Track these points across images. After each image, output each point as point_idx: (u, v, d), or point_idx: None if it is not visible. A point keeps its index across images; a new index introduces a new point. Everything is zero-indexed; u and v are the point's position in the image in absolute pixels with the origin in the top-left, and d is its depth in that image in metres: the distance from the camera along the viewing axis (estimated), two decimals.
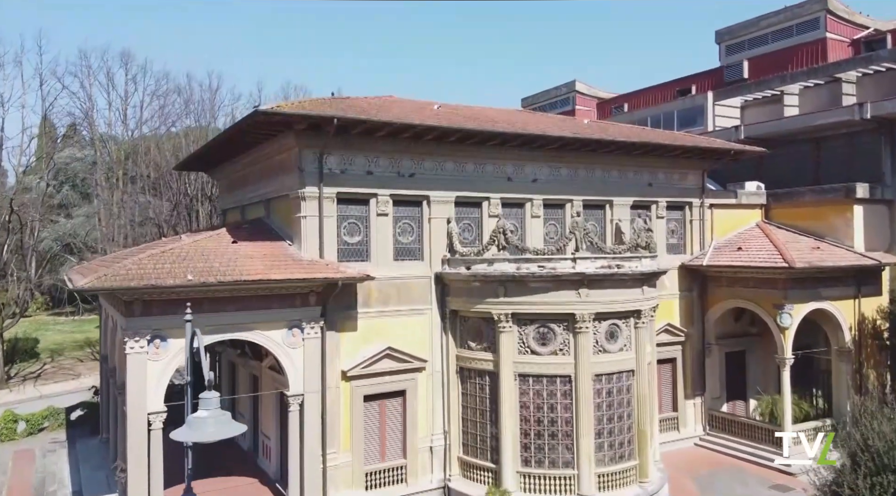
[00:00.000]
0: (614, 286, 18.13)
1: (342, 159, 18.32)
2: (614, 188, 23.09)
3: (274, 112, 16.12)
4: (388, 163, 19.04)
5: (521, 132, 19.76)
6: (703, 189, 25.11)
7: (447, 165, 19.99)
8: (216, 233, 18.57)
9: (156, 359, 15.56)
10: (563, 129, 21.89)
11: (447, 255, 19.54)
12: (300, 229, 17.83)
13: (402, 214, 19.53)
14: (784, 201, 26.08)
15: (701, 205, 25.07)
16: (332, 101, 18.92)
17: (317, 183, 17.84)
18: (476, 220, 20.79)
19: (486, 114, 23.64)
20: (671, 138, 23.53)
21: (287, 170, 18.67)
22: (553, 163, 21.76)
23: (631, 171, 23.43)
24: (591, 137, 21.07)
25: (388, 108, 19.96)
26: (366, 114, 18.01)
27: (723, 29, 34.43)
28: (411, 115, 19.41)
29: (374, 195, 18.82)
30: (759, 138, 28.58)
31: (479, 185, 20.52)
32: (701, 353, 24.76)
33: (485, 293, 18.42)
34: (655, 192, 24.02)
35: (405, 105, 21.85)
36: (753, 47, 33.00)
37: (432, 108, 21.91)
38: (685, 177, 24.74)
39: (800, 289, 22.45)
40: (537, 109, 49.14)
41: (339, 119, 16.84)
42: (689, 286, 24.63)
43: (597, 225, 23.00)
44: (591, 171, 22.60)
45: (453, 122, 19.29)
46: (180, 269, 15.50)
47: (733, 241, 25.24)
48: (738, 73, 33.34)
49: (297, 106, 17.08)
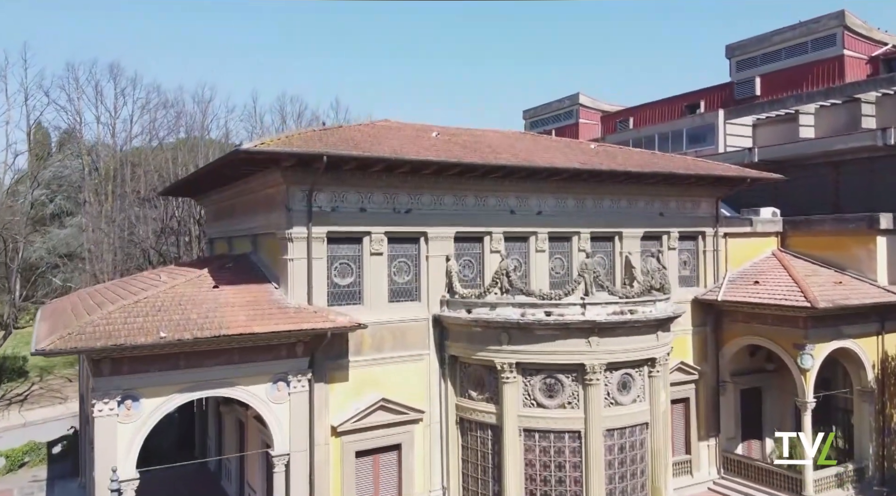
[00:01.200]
0: (627, 333, 16.79)
1: (333, 196, 16.98)
2: (624, 219, 21.74)
3: (257, 151, 14.77)
4: (382, 198, 17.70)
5: (525, 165, 18.43)
6: (716, 218, 23.76)
7: (446, 199, 18.66)
8: (197, 274, 17.21)
9: (127, 422, 14.20)
10: (569, 158, 20.56)
11: (446, 296, 18.20)
12: (287, 272, 16.48)
13: (397, 252, 18.18)
14: (802, 229, 24.72)
15: (715, 234, 23.72)
16: (322, 134, 17.58)
17: (305, 223, 16.49)
18: (477, 255, 19.45)
19: (488, 139, 22.31)
20: (684, 166, 22.19)
21: (274, 207, 17.34)
22: (559, 193, 20.42)
23: (641, 200, 22.08)
24: (600, 169, 19.73)
25: (382, 138, 18.63)
26: (358, 148, 16.69)
27: (734, 44, 33.10)
28: (407, 146, 18.10)
29: (368, 233, 17.49)
30: (773, 161, 27.26)
31: (480, 219, 19.18)
32: (715, 392, 23.39)
33: (487, 340, 17.07)
34: (667, 221, 22.68)
35: (402, 133, 20.52)
36: (766, 63, 31.66)
37: (430, 136, 20.59)
38: (698, 205, 23.39)
39: (821, 327, 21.08)
40: (539, 122, 47.87)
41: (329, 156, 15.51)
42: (703, 321, 23.27)
43: (605, 258, 21.67)
44: (599, 201, 21.25)
45: (452, 155, 17.96)
46: (153, 324, 14.15)
47: (749, 272, 23.89)
48: (750, 90, 32.01)
49: (284, 141, 15.74)
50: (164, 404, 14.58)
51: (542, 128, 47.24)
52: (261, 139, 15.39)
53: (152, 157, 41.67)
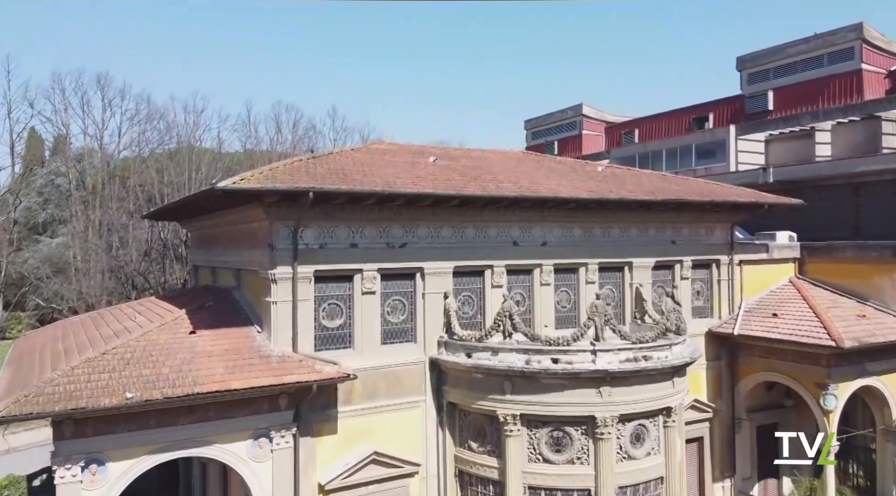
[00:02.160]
0: (641, 382, 15.44)
1: (321, 232, 15.63)
2: (634, 248, 20.39)
3: (236, 190, 13.44)
4: (375, 233, 16.34)
5: (529, 196, 17.10)
6: (731, 245, 22.40)
7: (444, 232, 17.30)
8: (174, 316, 15.87)
9: (92, 488, 12.84)
10: (575, 185, 19.22)
11: (444, 337, 16.85)
12: (270, 316, 15.12)
13: (391, 290, 16.83)
14: (820, 256, 23.37)
15: (730, 262, 22.36)
16: (309, 164, 16.23)
17: (290, 262, 15.14)
18: (477, 290, 18.10)
19: (488, 163, 20.98)
20: (698, 192, 20.84)
21: (256, 243, 16.00)
22: (565, 223, 19.07)
23: (652, 227, 20.73)
24: (609, 198, 18.38)
25: (375, 167, 17.29)
26: (348, 180, 15.35)
27: (745, 55, 31.77)
28: (402, 176, 16.76)
29: (359, 270, 16.13)
30: (789, 181, 25.92)
31: (480, 251, 17.83)
32: (730, 429, 22.02)
33: (488, 388, 15.71)
34: (680, 249, 21.32)
35: (397, 158, 19.18)
36: (779, 76, 30.33)
37: (427, 161, 19.24)
38: (712, 231, 22.03)
39: (845, 364, 19.73)
40: (542, 133, 46.54)
41: (315, 192, 14.17)
42: (717, 355, 21.90)
43: (614, 290, 20.32)
44: (607, 229, 19.90)
45: (450, 185, 16.62)
46: (119, 382, 12.80)
47: (766, 302, 22.55)
48: (763, 104, 30.67)
49: (267, 176, 14.39)
50: (133, 467, 13.22)
51: (545, 139, 45.94)
52: (241, 175, 14.05)
53: (141, 171, 40.32)
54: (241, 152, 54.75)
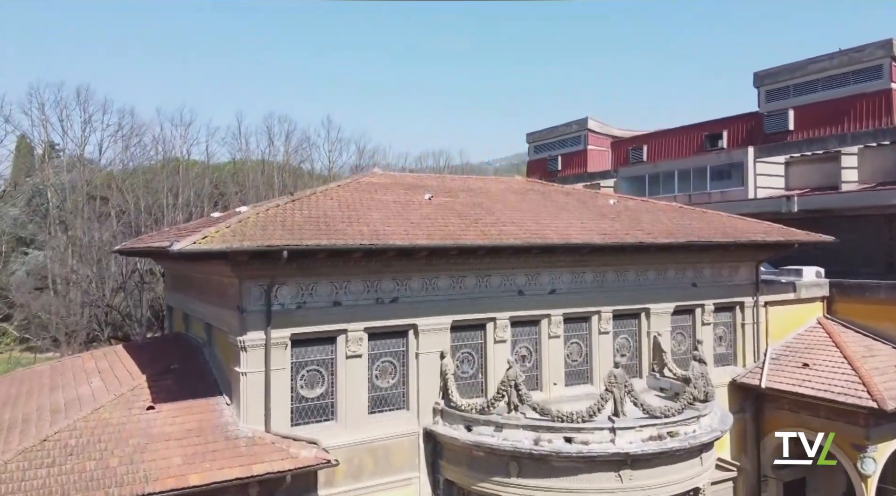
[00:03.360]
0: (666, 463, 13.47)
1: (299, 290, 13.65)
2: (651, 292, 18.44)
3: (194, 252, 11.46)
4: (361, 287, 14.37)
5: (537, 244, 15.15)
6: (757, 285, 20.43)
7: (440, 282, 15.34)
8: (131, 386, 13.88)
9: None
10: (585, 224, 17.25)
11: (440, 405, 14.87)
12: (240, 388, 13.14)
13: (380, 350, 14.86)
14: (851, 295, 21.41)
15: (755, 304, 20.39)
16: (287, 210, 14.25)
17: (263, 326, 13.16)
18: (478, 347, 16.13)
19: (490, 196, 19.05)
20: (722, 232, 18.87)
21: (226, 301, 14.03)
22: (575, 268, 17.11)
23: (671, 269, 18.78)
24: (626, 243, 16.43)
25: (363, 209, 15.33)
26: (331, 229, 13.40)
27: (763, 72, 29.80)
28: (393, 220, 14.80)
29: (343, 331, 14.15)
30: (815, 211, 23.99)
31: (481, 303, 15.87)
32: (756, 489, 20.07)
33: (492, 468, 13.73)
34: (701, 292, 19.36)
35: (389, 194, 17.23)
36: (800, 94, 28.36)
37: (422, 199, 17.29)
38: (736, 271, 20.07)
39: (885, 423, 17.78)
40: (544, 147, 44.59)
41: (290, 250, 12.20)
42: (742, 406, 19.92)
43: (630, 339, 18.37)
44: (622, 273, 17.95)
45: (448, 233, 14.65)
46: (57, 481, 10.82)
47: (794, 348, 20.60)
48: (782, 124, 28.71)
49: (235, 230, 12.39)
50: None
51: (547, 153, 44.01)
52: (204, 231, 12.06)
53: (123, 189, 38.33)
54: (231, 162, 52.86)
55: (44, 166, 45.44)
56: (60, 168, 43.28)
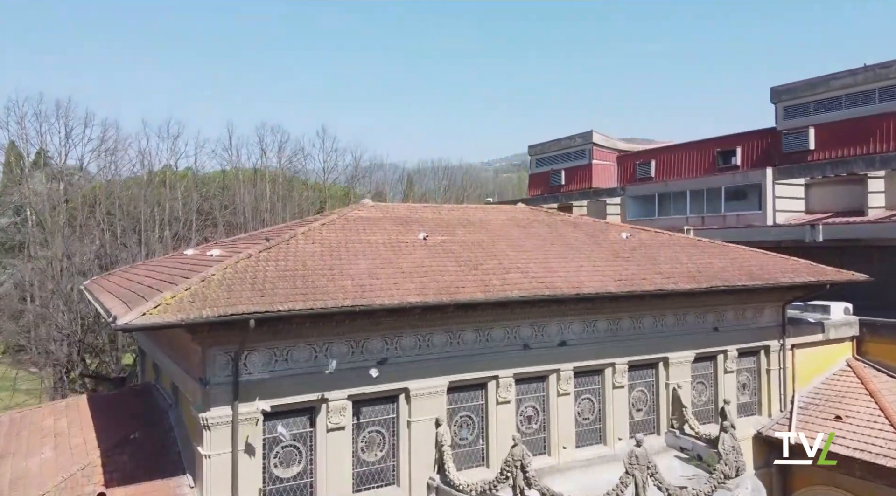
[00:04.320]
0: None
1: (272, 356, 11.88)
2: (670, 340, 16.69)
3: (143, 326, 9.69)
4: (345, 349, 12.60)
5: (545, 296, 13.39)
6: (783, 327, 18.67)
7: (436, 339, 13.57)
8: (83, 466, 12.09)
9: None
10: (598, 267, 15.48)
11: (435, 480, 13.12)
12: (203, 471, 11.36)
13: (367, 419, 13.10)
14: (883, 335, 19.64)
15: (781, 347, 18.64)
16: (259, 262, 12.46)
17: (230, 400, 11.39)
18: (478, 409, 14.37)
19: (491, 231, 17.30)
20: (748, 272, 17.10)
21: (189, 367, 12.27)
22: (587, 316, 15.37)
23: (691, 313, 17.03)
24: (645, 291, 14.68)
25: (349, 255, 13.55)
26: (309, 284, 11.64)
27: (781, 87, 28.02)
28: (382, 270, 13.05)
29: (324, 400, 12.39)
30: (842, 240, 22.23)
31: (482, 360, 14.11)
32: None
33: None
34: (723, 338, 17.61)
35: (378, 233, 15.47)
36: (822, 112, 26.58)
37: (416, 238, 15.52)
38: (761, 312, 18.31)
39: None
40: (547, 160, 42.82)
41: (259, 318, 10.44)
42: (767, 461, 18.12)
43: (646, 392, 16.62)
44: (638, 320, 16.19)
45: (444, 285, 12.88)
46: None
47: (823, 395, 18.84)
48: (802, 143, 26.94)
49: (194, 294, 10.61)
50: None
51: (550, 167, 42.26)
52: (156, 299, 10.29)
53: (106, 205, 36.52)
54: (221, 172, 51.02)
55: (22, 182, 43.59)
56: (41, 184, 41.50)
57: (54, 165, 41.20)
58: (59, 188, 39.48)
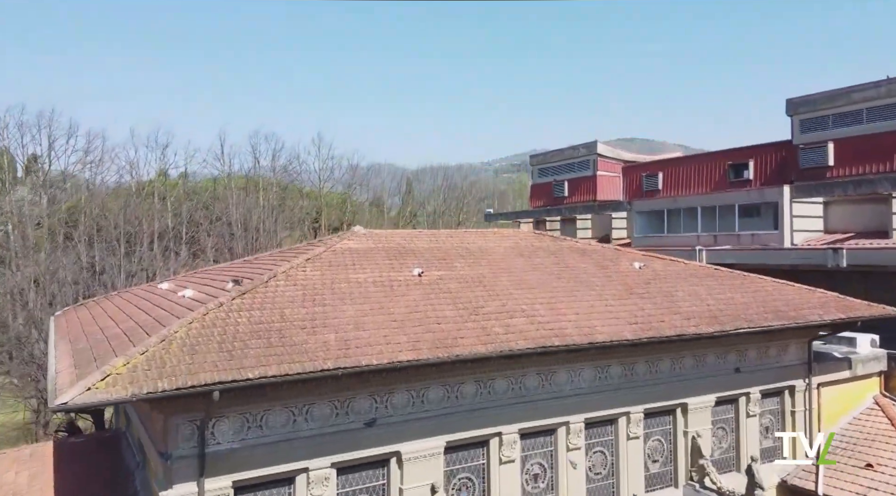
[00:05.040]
0: None
1: (244, 423, 10.43)
2: (688, 384, 15.25)
3: (86, 406, 8.25)
4: (328, 410, 11.16)
5: (555, 347, 11.95)
6: (809, 365, 17.24)
7: (431, 394, 12.13)
8: None
9: None
10: (611, 306, 14.04)
11: None
12: None
13: (353, 487, 11.64)
14: None
15: (807, 387, 17.22)
16: (230, 313, 11.00)
17: (195, 475, 9.93)
18: (478, 469, 12.92)
19: (493, 262, 15.91)
20: (773, 309, 15.67)
21: (151, 434, 10.83)
22: (599, 361, 13.93)
23: (711, 353, 15.60)
24: (665, 337, 13.24)
25: (335, 299, 12.11)
26: (285, 340, 10.20)
27: (797, 99, 26.56)
28: (370, 318, 11.61)
29: (304, 470, 10.94)
30: (867, 266, 20.82)
31: (483, 415, 12.66)
32: None
33: None
34: (745, 379, 16.18)
35: (368, 269, 14.04)
36: (841, 126, 25.15)
37: (411, 274, 14.09)
38: (785, 350, 16.89)
39: None
40: (550, 171, 41.39)
41: (224, 389, 9.00)
42: None
43: (663, 440, 15.18)
44: (654, 364, 14.76)
45: (441, 336, 11.44)
46: None
47: (851, 438, 17.41)
48: (821, 159, 25.52)
49: (150, 361, 9.17)
50: None
51: (553, 177, 40.83)
52: (104, 370, 8.85)
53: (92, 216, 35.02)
54: (212, 181, 49.54)
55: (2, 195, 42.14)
56: (22, 199, 40.03)
57: (36, 178, 39.70)
58: (41, 202, 37.94)
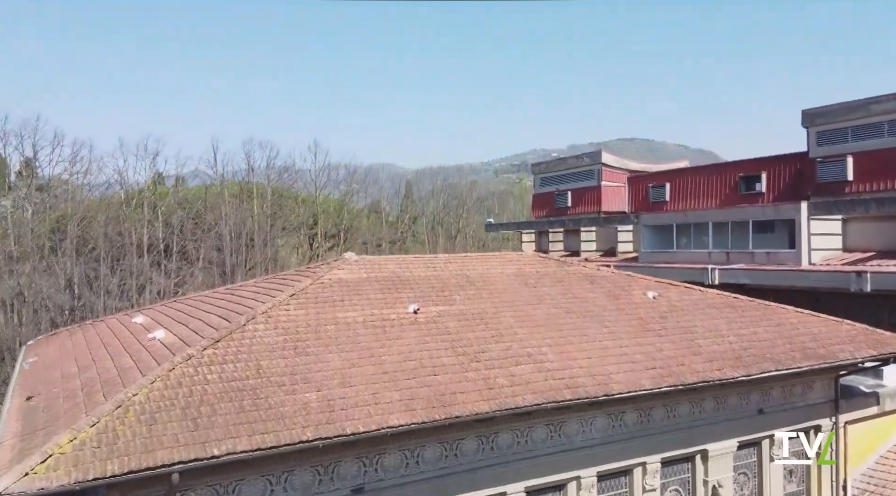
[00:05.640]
0: None
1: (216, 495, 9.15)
2: (709, 429, 13.97)
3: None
4: (310, 477, 9.87)
5: (563, 402, 10.68)
6: (836, 403, 15.96)
7: (427, 454, 10.85)
8: None
9: None
10: (628, 355, 12.77)
11: None
12: None
13: None
14: None
15: (833, 426, 15.94)
16: (196, 375, 9.70)
17: None
18: None
19: (495, 286, 14.65)
20: (801, 349, 14.41)
21: None
22: (613, 408, 12.65)
23: (733, 395, 14.33)
24: (686, 384, 11.98)
25: (319, 346, 10.83)
26: (259, 402, 8.95)
27: (814, 110, 25.32)
28: (357, 368, 10.34)
29: None
30: (891, 291, 19.58)
31: (486, 474, 11.38)
32: None
33: None
34: (769, 420, 14.90)
35: (358, 305, 12.76)
36: (861, 139, 23.90)
37: (405, 314, 12.81)
38: (811, 387, 15.62)
39: None
40: (553, 180, 40.15)
41: (184, 471, 7.71)
42: None
43: (681, 492, 13.90)
44: (672, 408, 13.47)
45: (437, 393, 10.18)
46: None
47: (880, 479, 16.18)
48: (839, 173, 24.27)
49: (99, 437, 7.88)
50: None
51: (556, 187, 39.58)
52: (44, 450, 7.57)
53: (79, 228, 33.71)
54: (203, 188, 48.18)
55: None
56: (6, 208, 38.68)
57: (19, 190, 38.40)
58: (24, 215, 36.59)
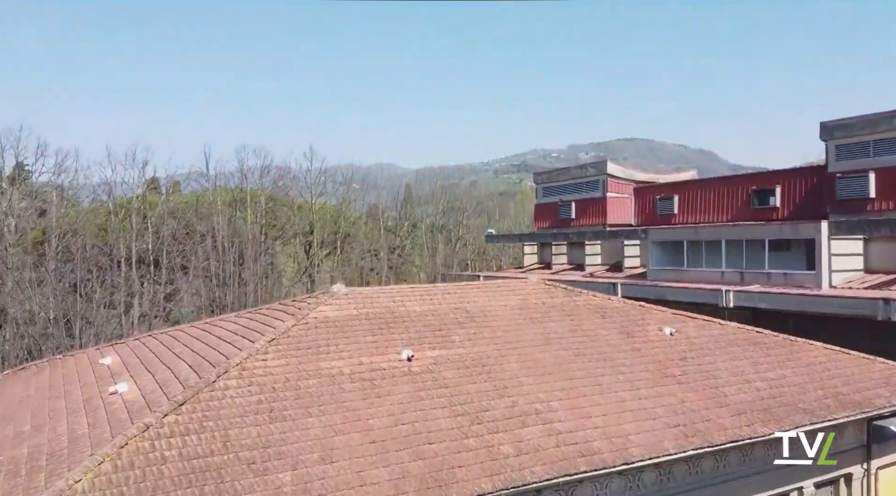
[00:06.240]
0: None
1: None
2: (734, 485, 12.62)
3: None
4: None
5: (577, 473, 9.38)
6: (868, 449, 14.63)
7: None
8: None
9: None
10: (646, 408, 11.48)
11: None
12: None
13: None
14: None
15: (865, 473, 14.63)
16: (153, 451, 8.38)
17: None
18: None
19: (496, 322, 13.33)
20: (834, 395, 13.16)
21: None
22: (631, 468, 11.32)
23: (760, 447, 12.98)
24: (715, 445, 10.67)
25: (297, 408, 9.52)
26: (223, 488, 7.58)
27: (833, 122, 24.02)
28: (342, 434, 9.03)
29: None
30: None
31: None
32: None
33: None
34: (798, 472, 13.54)
35: (346, 356, 11.46)
36: (884, 154, 22.61)
37: (399, 361, 11.50)
38: (841, 433, 14.26)
39: None
40: (556, 189, 38.82)
41: None
42: None
43: None
44: (695, 464, 12.13)
45: (432, 468, 8.85)
46: None
47: None
48: (861, 190, 22.97)
49: None
50: None
51: (559, 197, 38.25)
52: None
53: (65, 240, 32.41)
54: (194, 195, 46.90)
55: None
56: None
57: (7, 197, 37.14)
58: (8, 227, 35.25)
